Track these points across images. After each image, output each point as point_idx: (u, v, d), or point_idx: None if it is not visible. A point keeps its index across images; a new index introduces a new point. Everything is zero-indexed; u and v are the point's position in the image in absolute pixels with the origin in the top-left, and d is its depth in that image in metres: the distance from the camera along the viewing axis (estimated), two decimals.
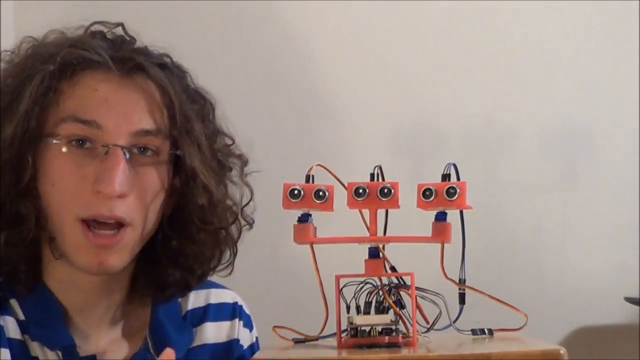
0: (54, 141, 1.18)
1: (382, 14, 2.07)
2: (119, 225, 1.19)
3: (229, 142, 1.32)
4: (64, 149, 1.18)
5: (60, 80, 1.19)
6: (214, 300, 1.35)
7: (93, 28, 1.27)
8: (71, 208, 1.18)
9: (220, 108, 1.33)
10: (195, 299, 1.34)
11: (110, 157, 1.17)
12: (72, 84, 1.20)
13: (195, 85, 1.30)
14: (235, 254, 1.31)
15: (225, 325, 1.35)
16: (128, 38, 1.27)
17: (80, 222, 1.18)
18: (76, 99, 1.19)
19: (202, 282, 1.32)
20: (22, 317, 1.22)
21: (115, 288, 1.26)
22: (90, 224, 1.18)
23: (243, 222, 1.32)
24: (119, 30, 1.28)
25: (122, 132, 1.19)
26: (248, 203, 1.32)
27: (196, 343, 1.32)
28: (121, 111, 1.20)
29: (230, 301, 1.37)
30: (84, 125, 1.18)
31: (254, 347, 1.38)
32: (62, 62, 1.20)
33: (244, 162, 1.33)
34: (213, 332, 1.33)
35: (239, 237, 1.32)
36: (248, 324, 1.38)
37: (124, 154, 1.18)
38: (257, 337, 1.40)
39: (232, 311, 1.36)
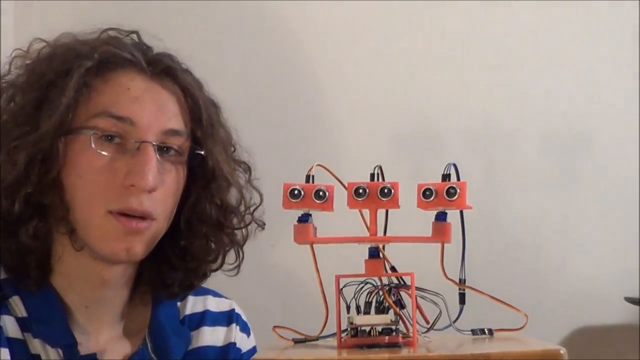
0: (92, 133, 1.20)
1: (382, 13, 2.07)
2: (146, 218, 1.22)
3: (233, 149, 1.35)
4: (94, 143, 1.21)
5: (93, 77, 1.22)
6: (211, 307, 1.37)
7: (110, 33, 1.29)
8: (101, 200, 1.20)
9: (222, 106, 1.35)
10: (193, 305, 1.36)
11: (143, 152, 1.20)
12: (104, 81, 1.23)
13: (209, 93, 1.33)
14: (242, 258, 1.34)
15: (222, 330, 1.36)
16: (145, 46, 1.30)
17: (111, 213, 1.20)
18: (109, 96, 1.22)
19: (203, 280, 1.34)
20: (23, 314, 1.23)
21: (121, 284, 1.27)
22: (120, 218, 1.20)
23: (254, 225, 1.34)
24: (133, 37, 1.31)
25: (153, 130, 1.22)
26: (258, 206, 1.34)
27: (193, 346, 1.33)
28: (152, 110, 1.23)
29: (227, 308, 1.39)
30: (117, 120, 1.21)
31: (253, 353, 1.39)
32: (99, 59, 1.23)
33: (249, 168, 1.35)
34: (210, 336, 1.35)
35: (245, 240, 1.33)
36: (245, 330, 1.39)
37: (155, 150, 1.21)
38: (255, 346, 1.41)
39: (228, 317, 1.38)
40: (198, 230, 1.29)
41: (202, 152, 1.27)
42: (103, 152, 1.21)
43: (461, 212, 1.10)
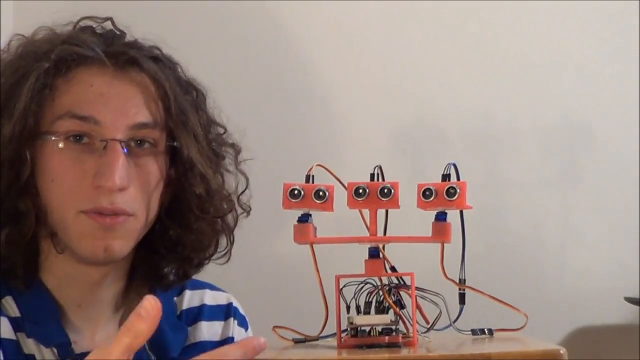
0: (53, 138, 1.19)
1: (382, 12, 2.07)
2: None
3: (221, 131, 1.33)
4: (61, 145, 1.19)
5: (55, 77, 1.20)
6: (208, 301, 1.36)
7: (82, 23, 1.28)
8: (72, 202, 1.18)
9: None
10: (190, 299, 1.35)
11: (109, 152, 1.18)
12: (67, 80, 1.20)
13: (187, 76, 1.31)
14: (232, 242, 1.32)
15: (219, 324, 1.35)
16: (118, 32, 1.28)
17: (83, 213, 1.18)
18: (72, 95, 1.20)
19: (199, 270, 1.33)
20: (16, 314, 1.22)
21: (114, 281, 1.27)
22: (93, 215, 1.18)
23: (240, 210, 1.33)
24: (108, 25, 1.28)
25: (119, 126, 1.19)
26: (244, 191, 1.33)
27: (190, 341, 1.32)
28: (117, 105, 1.20)
29: (225, 302, 1.38)
30: (81, 121, 1.19)
31: None
32: (56, 59, 1.20)
33: (237, 151, 1.34)
34: (207, 331, 1.34)
35: (235, 225, 1.32)
36: (243, 324, 1.39)
37: (122, 147, 1.18)
38: None
39: (226, 311, 1.37)
40: (183, 219, 1.27)
41: (175, 144, 1.24)
42: (71, 154, 1.19)
43: (461, 212, 1.10)
